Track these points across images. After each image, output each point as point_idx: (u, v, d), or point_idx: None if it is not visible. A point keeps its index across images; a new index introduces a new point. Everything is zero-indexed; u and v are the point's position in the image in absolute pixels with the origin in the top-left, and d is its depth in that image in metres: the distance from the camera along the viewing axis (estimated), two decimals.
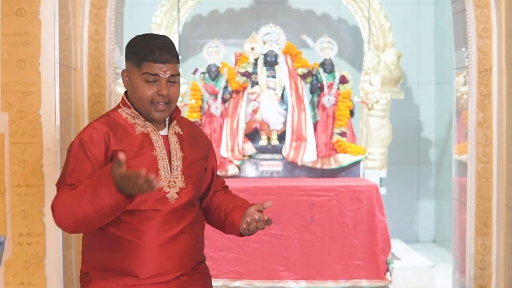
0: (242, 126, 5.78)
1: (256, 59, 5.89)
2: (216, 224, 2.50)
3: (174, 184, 2.33)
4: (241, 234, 2.36)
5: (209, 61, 5.89)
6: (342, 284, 5.19)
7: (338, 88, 5.89)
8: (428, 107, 7.31)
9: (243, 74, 5.83)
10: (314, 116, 5.93)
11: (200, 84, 5.86)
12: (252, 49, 5.87)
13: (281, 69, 5.88)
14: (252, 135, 5.91)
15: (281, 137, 5.87)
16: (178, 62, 2.32)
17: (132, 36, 2.40)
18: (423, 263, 5.58)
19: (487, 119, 4.31)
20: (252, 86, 5.86)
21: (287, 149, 5.73)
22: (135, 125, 2.34)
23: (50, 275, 3.54)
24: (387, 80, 6.15)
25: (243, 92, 5.87)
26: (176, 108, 2.40)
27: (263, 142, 5.87)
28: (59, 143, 3.56)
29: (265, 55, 5.86)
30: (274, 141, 5.86)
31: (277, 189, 5.32)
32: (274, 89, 5.86)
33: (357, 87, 6.09)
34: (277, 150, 5.82)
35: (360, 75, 6.26)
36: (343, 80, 5.91)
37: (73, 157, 2.27)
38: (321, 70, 5.91)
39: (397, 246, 6.11)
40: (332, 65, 5.94)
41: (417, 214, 7.36)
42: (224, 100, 5.86)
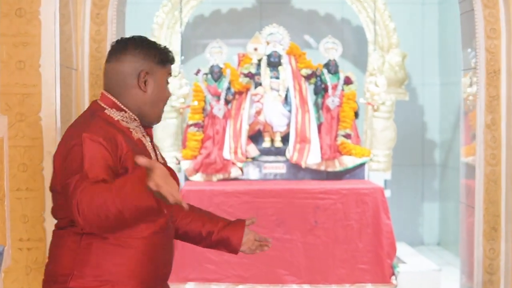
0: (245, 128, 5.71)
1: (260, 60, 5.83)
2: (186, 237, 2.44)
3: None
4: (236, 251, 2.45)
5: (212, 62, 5.82)
6: None
7: (343, 89, 5.84)
8: (433, 108, 7.24)
9: (246, 75, 5.76)
10: (318, 118, 5.87)
11: (203, 85, 5.79)
12: (255, 50, 5.80)
13: (285, 70, 5.82)
14: (256, 137, 5.85)
15: (285, 139, 5.81)
16: None
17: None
18: (429, 267, 5.51)
19: (496, 121, 4.24)
20: (256, 87, 5.80)
21: (291, 151, 5.67)
22: (130, 129, 2.21)
23: None
24: (392, 81, 6.09)
25: (246, 93, 5.80)
26: None
27: (267, 144, 5.81)
28: None
29: (269, 56, 5.80)
30: (278, 143, 5.80)
31: (281, 192, 5.26)
32: (278, 90, 5.80)
33: (362, 88, 6.03)
34: (281, 152, 5.76)
35: (365, 76, 6.19)
36: (348, 81, 5.85)
37: (86, 151, 2.06)
38: (325, 71, 5.85)
39: (402, 249, 6.04)
40: (337, 66, 5.88)
41: (422, 216, 7.30)
42: (227, 102, 5.79)
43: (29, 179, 3.46)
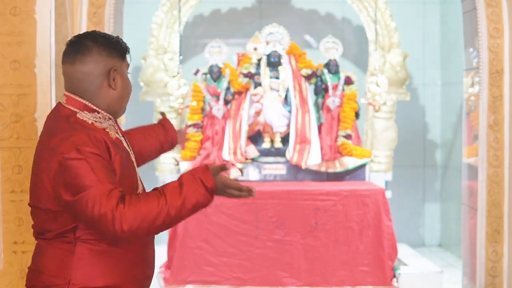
0: (245, 129, 5.66)
1: (259, 60, 5.77)
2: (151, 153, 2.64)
3: (142, 187, 2.27)
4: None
5: (211, 62, 5.76)
6: None
7: (343, 90, 5.78)
8: (434, 109, 7.18)
9: (246, 75, 5.70)
10: (319, 118, 5.81)
11: (202, 85, 5.73)
12: (255, 50, 5.74)
13: (285, 70, 5.76)
14: (255, 138, 5.80)
15: (285, 140, 5.75)
16: None
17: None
18: (430, 269, 5.44)
19: (499, 122, 4.19)
20: (255, 87, 5.74)
21: (291, 152, 5.61)
22: (106, 130, 2.15)
23: None
24: (393, 81, 6.03)
25: (246, 94, 5.75)
26: None
27: (266, 145, 5.75)
28: None
29: (268, 56, 5.74)
30: (278, 144, 5.74)
31: (281, 193, 5.21)
32: (278, 91, 5.74)
33: (363, 89, 5.97)
34: (281, 153, 5.70)
35: (366, 76, 6.14)
36: (348, 81, 5.79)
37: (94, 164, 2.02)
38: (326, 71, 5.80)
39: (403, 251, 5.98)
40: (337, 66, 5.82)
41: (423, 218, 7.24)
42: (226, 102, 5.74)
43: (24, 181, 3.39)
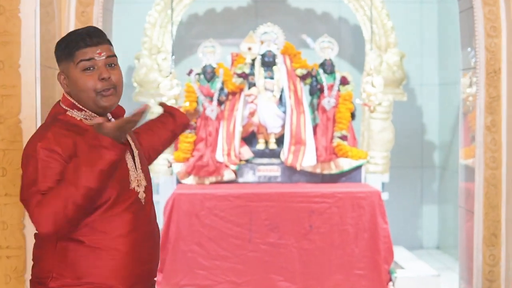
0: (239, 130, 5.58)
1: (254, 60, 5.69)
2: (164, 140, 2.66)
3: (140, 183, 2.26)
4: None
5: (205, 62, 5.69)
6: None
7: (339, 90, 5.71)
8: (432, 109, 7.11)
9: (240, 75, 5.62)
10: (314, 119, 5.74)
11: (195, 86, 5.65)
12: (249, 49, 5.67)
13: (280, 70, 5.69)
14: (249, 139, 5.73)
15: (280, 141, 5.68)
16: (111, 44, 2.26)
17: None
18: (427, 272, 5.37)
19: (496, 123, 4.10)
20: (249, 88, 5.66)
21: (286, 154, 5.53)
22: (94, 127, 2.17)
23: None
24: (390, 81, 5.97)
25: (240, 94, 5.67)
26: (120, 106, 2.35)
27: (261, 146, 5.68)
28: None
29: (263, 56, 5.66)
30: (272, 145, 5.67)
31: (275, 196, 5.13)
32: (272, 91, 5.66)
33: (359, 89, 5.89)
34: (275, 155, 5.63)
35: (362, 76, 6.05)
36: (344, 81, 5.72)
37: (40, 162, 2.10)
38: (321, 71, 5.73)
39: (400, 254, 5.91)
40: (333, 66, 5.74)
41: (421, 219, 7.17)
42: (220, 103, 5.66)
43: (8, 184, 3.32)
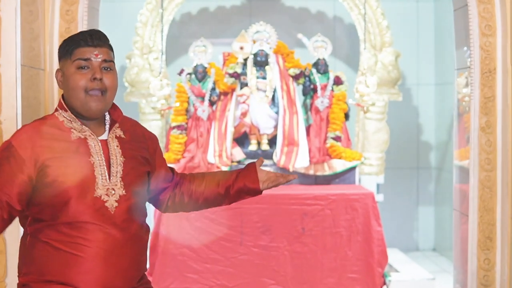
0: (231, 130, 5.49)
1: (246, 59, 5.61)
2: (208, 202, 2.48)
3: (113, 192, 2.22)
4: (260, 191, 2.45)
5: (196, 61, 5.60)
6: None
7: (332, 90, 5.64)
8: (428, 110, 7.03)
9: (232, 75, 5.53)
10: (307, 120, 5.66)
11: (186, 86, 5.57)
12: (241, 49, 5.57)
13: (272, 70, 5.60)
14: (241, 140, 5.64)
15: (272, 142, 5.60)
16: (112, 50, 2.29)
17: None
18: (422, 276, 5.28)
19: (491, 124, 4.01)
20: (241, 88, 5.58)
21: (278, 155, 5.45)
22: (72, 130, 2.23)
23: None
24: (385, 81, 5.89)
25: (232, 94, 5.59)
26: (118, 110, 2.33)
27: (253, 147, 5.60)
28: None
29: (255, 55, 5.58)
30: (265, 146, 5.59)
31: (267, 198, 5.03)
32: (265, 91, 5.58)
33: (354, 89, 5.80)
34: (268, 156, 5.54)
35: (356, 76, 5.97)
36: (338, 81, 5.63)
37: (5, 164, 2.16)
38: (314, 71, 5.64)
39: (395, 257, 5.82)
40: (326, 65, 5.66)
41: (417, 221, 7.08)
42: (212, 103, 5.58)
43: None
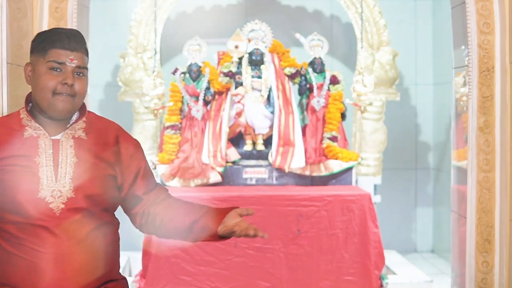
0: (225, 130, 5.41)
1: (241, 58, 5.52)
2: (174, 233, 2.31)
3: (60, 194, 2.16)
4: (220, 237, 2.18)
5: (190, 60, 5.52)
6: None
7: (329, 89, 5.56)
8: (426, 109, 6.96)
9: (227, 74, 5.45)
10: (303, 120, 5.58)
11: (180, 85, 5.48)
12: (236, 48, 5.49)
13: (267, 69, 5.52)
14: (236, 140, 5.56)
15: (267, 142, 5.51)
16: (87, 55, 2.26)
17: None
18: (420, 278, 5.21)
19: (489, 124, 3.93)
20: (236, 87, 5.49)
21: (274, 155, 5.36)
22: (26, 128, 2.22)
23: None
24: (382, 81, 5.81)
25: (227, 94, 5.50)
26: (83, 111, 2.30)
27: (248, 148, 5.51)
28: None
29: (250, 54, 5.49)
30: (260, 146, 5.50)
31: (262, 199, 4.97)
32: (260, 90, 5.50)
33: (350, 88, 5.73)
34: (263, 156, 5.46)
35: (354, 76, 5.90)
36: (334, 81, 5.56)
37: None
38: (311, 70, 5.56)
39: (393, 258, 5.75)
40: (322, 65, 5.58)
41: (415, 223, 7.02)
42: (206, 102, 5.49)
43: None
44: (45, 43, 2.21)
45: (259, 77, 5.49)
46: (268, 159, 5.42)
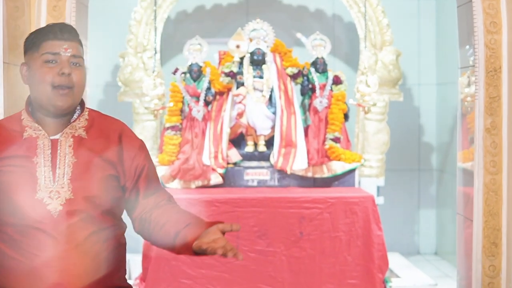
0: (227, 131, 5.34)
1: (242, 58, 5.45)
2: (162, 242, 2.19)
3: (58, 195, 2.10)
4: (195, 253, 2.05)
5: (191, 60, 5.45)
6: None
7: (331, 90, 5.50)
8: (430, 110, 6.90)
9: (228, 74, 5.39)
10: (305, 120, 5.51)
11: (181, 85, 5.42)
12: (238, 47, 5.43)
13: (269, 69, 5.45)
14: (237, 141, 5.49)
15: (269, 143, 5.45)
16: (82, 46, 2.21)
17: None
18: (424, 281, 5.16)
19: (496, 125, 3.86)
20: (238, 87, 5.43)
21: (276, 156, 5.30)
22: (26, 128, 2.18)
23: None
24: (385, 81, 5.76)
25: (228, 94, 5.43)
26: (81, 106, 2.25)
27: (249, 149, 5.45)
28: None
29: (252, 54, 5.43)
30: (262, 148, 5.44)
31: (264, 201, 4.91)
32: (261, 91, 5.43)
33: (353, 88, 5.67)
34: (265, 157, 5.40)
35: (356, 76, 5.84)
36: (337, 81, 5.49)
37: None
38: (313, 70, 5.50)
39: (396, 261, 5.69)
40: (325, 65, 5.52)
41: (418, 224, 6.95)
42: (207, 103, 5.43)
43: None
44: (37, 38, 2.17)
45: (261, 77, 5.43)
46: (270, 161, 5.36)
